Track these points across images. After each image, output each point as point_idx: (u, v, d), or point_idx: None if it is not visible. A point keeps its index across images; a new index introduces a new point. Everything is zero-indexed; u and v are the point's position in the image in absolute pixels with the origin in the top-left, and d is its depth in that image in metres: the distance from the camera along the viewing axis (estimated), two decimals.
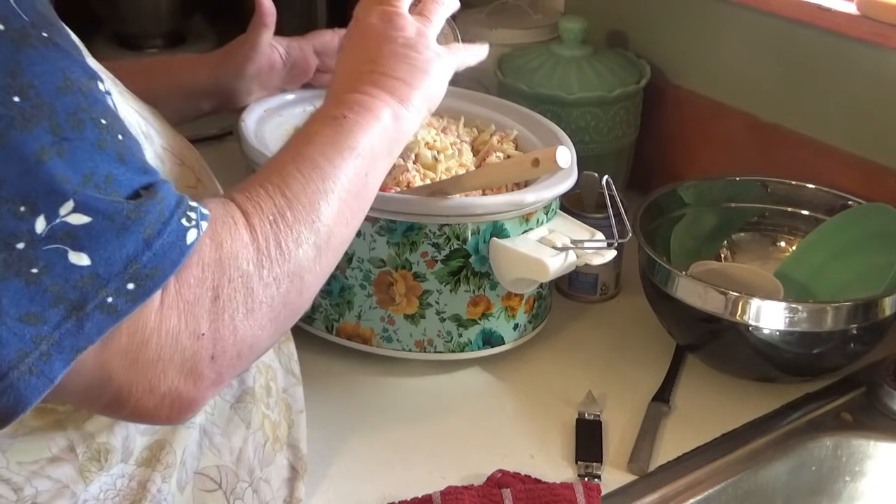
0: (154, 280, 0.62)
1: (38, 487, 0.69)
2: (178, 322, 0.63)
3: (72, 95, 0.62)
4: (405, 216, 1.01)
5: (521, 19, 1.50)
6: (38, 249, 0.58)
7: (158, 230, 0.62)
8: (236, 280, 0.66)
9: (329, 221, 0.72)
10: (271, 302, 0.68)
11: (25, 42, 0.61)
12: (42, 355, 0.59)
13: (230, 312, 0.66)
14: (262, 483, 0.83)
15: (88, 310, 0.59)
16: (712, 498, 0.96)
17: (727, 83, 1.35)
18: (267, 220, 0.69)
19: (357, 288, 1.05)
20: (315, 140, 0.75)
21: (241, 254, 0.67)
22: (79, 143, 0.61)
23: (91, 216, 0.60)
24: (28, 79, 0.60)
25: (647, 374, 1.10)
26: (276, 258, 0.68)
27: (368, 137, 0.77)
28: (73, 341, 0.59)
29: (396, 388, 1.08)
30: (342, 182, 0.74)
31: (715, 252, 1.24)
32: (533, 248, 1.02)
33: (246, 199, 0.70)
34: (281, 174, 0.72)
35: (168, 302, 0.63)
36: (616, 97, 1.32)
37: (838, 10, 1.16)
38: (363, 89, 0.80)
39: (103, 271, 0.60)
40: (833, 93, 1.24)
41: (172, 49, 1.75)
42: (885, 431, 1.03)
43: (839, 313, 1.01)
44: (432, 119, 1.17)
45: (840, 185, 1.20)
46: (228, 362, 0.66)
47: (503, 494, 0.90)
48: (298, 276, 0.70)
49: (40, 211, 0.58)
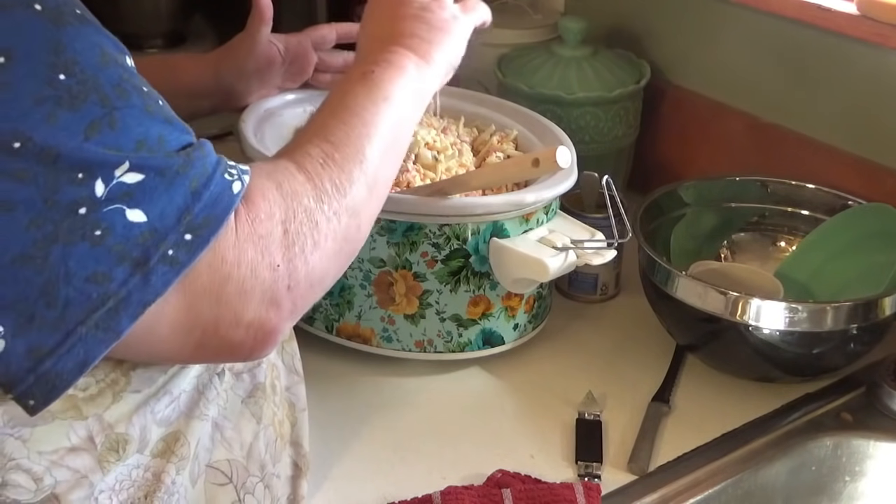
0: (209, 228, 0.64)
1: (57, 477, 0.70)
2: (254, 255, 0.67)
3: (112, 68, 0.64)
4: (405, 216, 1.01)
5: (521, 19, 1.49)
6: (99, 212, 0.61)
7: (205, 182, 0.65)
8: (301, 214, 0.70)
9: (375, 161, 0.76)
10: (335, 235, 0.72)
11: (62, 20, 0.63)
12: (109, 311, 0.61)
13: (300, 244, 0.69)
14: (273, 479, 0.84)
15: (152, 264, 0.62)
16: (712, 498, 0.96)
17: (727, 83, 1.35)
18: (318, 163, 0.73)
19: (357, 288, 1.05)
20: (348, 95, 0.79)
21: (301, 191, 0.70)
22: (128, 110, 0.63)
23: (144, 173, 0.62)
24: (71, 55, 0.62)
25: (647, 374, 1.10)
26: (334, 194, 0.72)
27: (398, 88, 0.82)
28: (140, 296, 0.62)
29: (396, 388, 1.08)
30: (381, 127, 0.78)
31: (715, 252, 1.24)
32: (533, 248, 1.02)
33: (293, 151, 0.74)
34: (323, 126, 0.77)
35: (243, 236, 0.66)
36: (616, 97, 1.32)
37: (838, 10, 1.16)
38: (387, 48, 0.85)
39: (160, 225, 0.62)
40: (833, 93, 1.24)
41: (172, 49, 1.75)
42: (885, 431, 1.03)
43: (839, 313, 1.01)
44: (432, 119, 1.17)
45: (840, 185, 1.20)
46: (303, 292, 0.70)
47: (503, 494, 0.90)
48: (355, 211, 0.74)
49: (97, 175, 0.61)
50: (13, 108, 0.60)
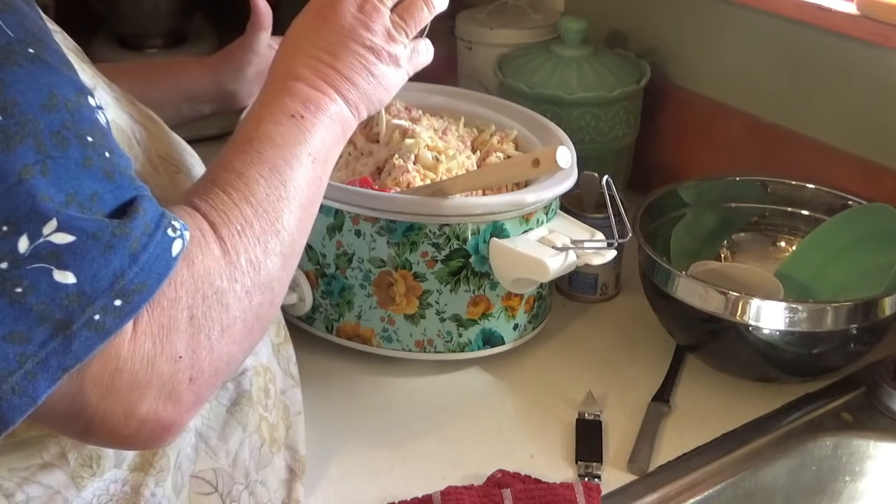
0: (141, 295, 0.61)
1: (29, 493, 0.69)
2: (152, 347, 0.62)
3: (56, 113, 0.61)
4: (405, 216, 1.01)
5: (521, 19, 1.50)
6: (22, 269, 0.58)
7: (144, 244, 0.61)
8: (211, 297, 0.64)
9: (291, 228, 0.71)
10: (245, 316, 0.67)
11: (10, 59, 0.60)
12: (27, 374, 0.58)
13: (206, 332, 0.64)
14: (258, 485, 0.83)
15: (75, 328, 0.58)
16: (712, 498, 0.96)
17: (727, 83, 1.35)
18: (236, 231, 0.67)
19: (357, 288, 1.05)
20: (275, 141, 0.73)
21: (214, 269, 0.65)
22: (63, 161, 0.60)
23: (75, 235, 0.59)
24: (11, 96, 0.59)
25: (647, 374, 1.10)
26: (248, 271, 0.67)
27: (323, 140, 0.76)
28: (60, 360, 0.58)
29: (396, 388, 1.08)
30: (302, 188, 0.73)
31: (715, 252, 1.24)
32: (533, 248, 1.02)
33: (211, 207, 0.68)
34: (245, 180, 0.70)
35: (141, 328, 0.62)
36: (616, 97, 1.32)
37: (838, 10, 1.16)
38: (318, 85, 0.78)
39: (90, 289, 0.59)
40: (833, 93, 1.24)
41: (172, 49, 1.75)
42: (885, 431, 1.03)
43: (839, 313, 1.01)
44: (433, 119, 1.17)
45: (840, 185, 1.20)
46: (206, 382, 0.65)
47: (503, 494, 0.90)
48: (269, 287, 0.69)
49: (22, 230, 0.58)
50: None
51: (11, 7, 0.62)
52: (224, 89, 1.18)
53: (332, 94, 0.79)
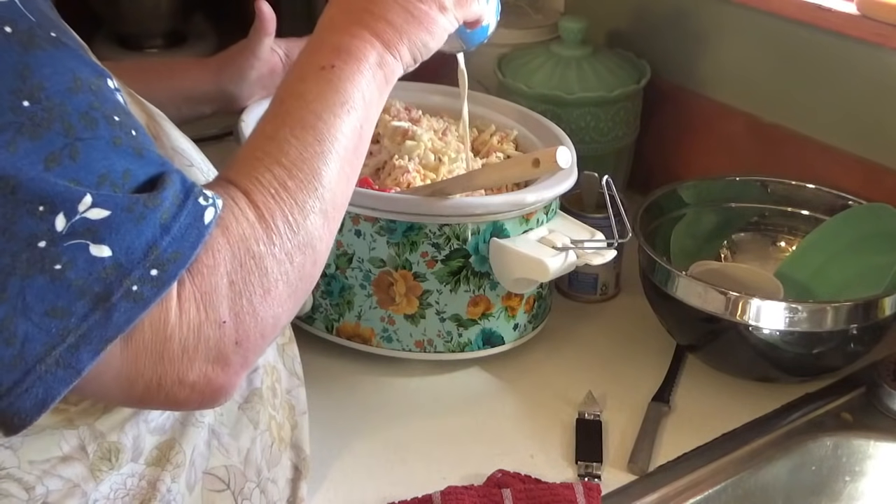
0: (176, 263, 0.62)
1: (49, 486, 0.69)
2: (197, 313, 0.63)
3: (83, 94, 0.62)
4: (405, 216, 1.01)
5: (521, 19, 1.50)
6: (60, 246, 0.59)
7: (174, 214, 0.62)
8: (249, 263, 0.65)
9: (331, 184, 0.71)
10: (287, 278, 0.67)
11: (33, 43, 0.61)
12: (70, 347, 0.59)
13: (248, 296, 0.65)
14: (269, 483, 0.83)
15: (114, 300, 0.60)
16: (712, 498, 0.96)
17: (727, 83, 1.35)
18: (269, 195, 0.68)
19: (357, 288, 1.05)
20: (304, 97, 0.73)
21: (249, 234, 0.66)
22: (93, 141, 0.61)
23: (110, 209, 0.60)
24: (38, 80, 0.60)
25: (647, 374, 1.10)
26: (286, 233, 0.67)
27: (358, 87, 0.74)
28: (101, 332, 0.60)
29: (396, 388, 1.08)
30: (339, 140, 0.72)
31: (715, 252, 1.24)
32: (533, 248, 1.02)
33: (243, 175, 0.69)
34: (275, 141, 0.70)
35: (185, 295, 0.63)
36: (616, 97, 1.32)
37: (838, 10, 1.16)
38: (352, 30, 0.76)
39: (125, 261, 0.60)
40: (833, 93, 1.24)
41: (172, 49, 1.75)
42: (885, 431, 1.03)
43: (839, 313, 1.01)
44: (433, 120, 1.17)
45: (840, 185, 1.20)
46: (253, 344, 0.66)
47: (503, 494, 0.90)
48: (310, 246, 0.69)
49: (59, 209, 0.59)
50: None
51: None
52: (225, 91, 1.18)
53: (367, 35, 0.76)
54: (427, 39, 0.80)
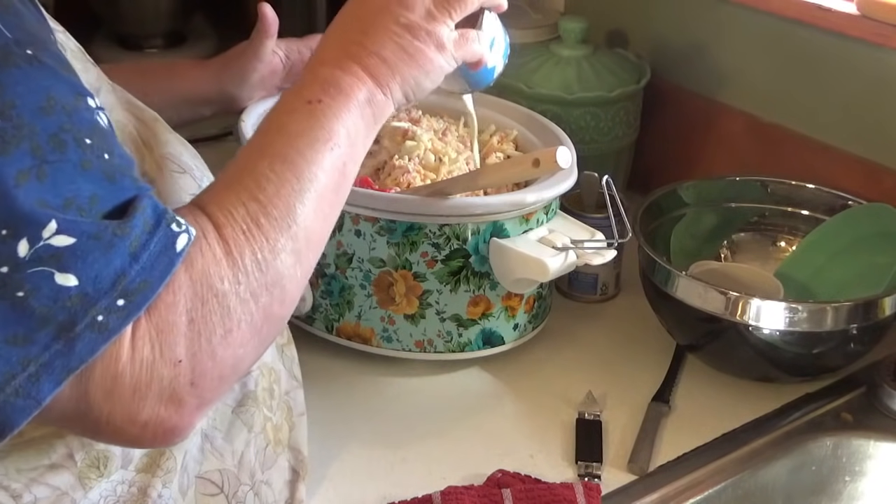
0: (143, 293, 0.60)
1: (36, 495, 0.69)
2: (151, 352, 0.61)
3: (54, 115, 0.60)
4: (405, 216, 1.01)
5: (521, 19, 1.49)
6: (23, 273, 0.57)
7: (144, 242, 0.60)
8: (211, 301, 0.63)
9: (307, 223, 0.68)
10: (251, 318, 0.65)
11: (8, 60, 0.60)
12: (30, 377, 0.57)
13: (207, 335, 0.63)
14: (263, 486, 0.83)
15: (78, 330, 0.58)
16: (712, 498, 0.96)
17: (727, 83, 1.35)
18: (241, 230, 0.65)
19: (357, 288, 1.05)
20: (288, 131, 0.71)
21: (214, 271, 0.63)
22: (60, 164, 0.59)
23: (76, 237, 0.58)
24: (10, 98, 0.59)
25: (647, 374, 1.10)
26: (253, 272, 0.65)
27: (344, 124, 0.72)
28: (64, 362, 0.58)
29: (396, 388, 1.08)
30: (318, 178, 0.70)
31: (715, 252, 1.24)
32: (533, 248, 1.02)
33: (216, 206, 0.66)
34: (253, 175, 0.68)
35: (139, 332, 0.61)
36: (616, 97, 1.32)
37: (838, 10, 1.16)
38: (343, 64, 0.74)
39: (92, 290, 0.58)
40: (833, 93, 1.24)
41: (172, 49, 1.75)
42: (885, 431, 1.03)
43: (839, 313, 1.01)
44: (433, 120, 1.17)
45: (840, 185, 1.20)
46: (210, 385, 0.64)
47: (503, 494, 0.90)
48: (279, 285, 0.66)
49: (22, 234, 0.57)
50: None
51: (8, 8, 0.62)
52: (225, 93, 1.18)
53: (358, 70, 0.74)
54: (421, 78, 0.78)
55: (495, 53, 0.89)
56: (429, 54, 0.77)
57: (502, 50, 0.91)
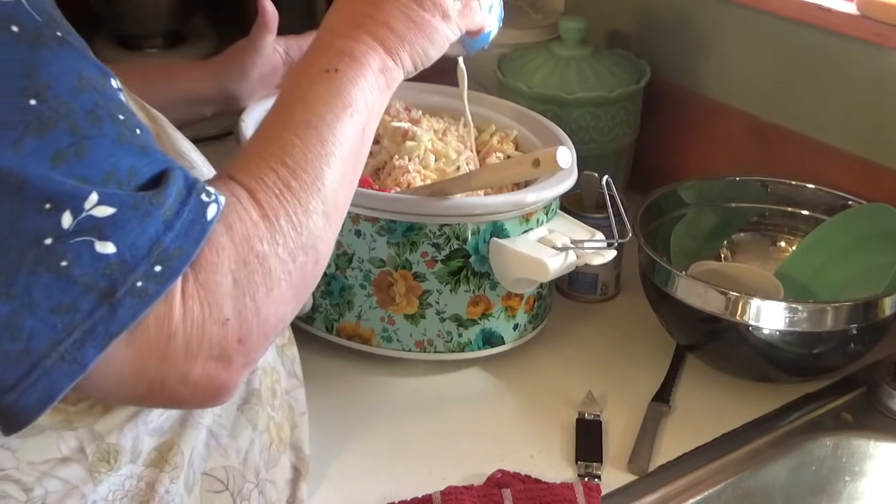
0: (179, 259, 0.62)
1: (47, 488, 0.69)
2: (201, 310, 0.64)
3: (88, 93, 0.62)
4: (405, 216, 1.01)
5: (521, 19, 1.49)
6: (66, 243, 0.59)
7: (177, 210, 0.63)
8: (252, 261, 0.66)
9: (334, 185, 0.71)
10: (290, 278, 0.68)
11: (40, 42, 0.61)
12: (75, 342, 0.60)
13: (251, 294, 0.66)
14: (267, 484, 0.83)
15: (119, 295, 0.60)
16: (712, 498, 0.96)
17: (727, 83, 1.35)
18: (274, 195, 0.68)
19: (357, 288, 1.05)
20: (308, 99, 0.73)
21: (253, 233, 0.66)
22: (99, 139, 0.61)
23: (115, 207, 0.60)
24: (44, 79, 0.60)
25: (647, 374, 1.10)
26: (289, 233, 0.68)
27: (361, 91, 0.75)
28: (106, 327, 0.60)
29: (396, 388, 1.08)
30: (342, 143, 0.73)
31: (715, 252, 1.24)
32: (533, 248, 1.02)
33: (247, 174, 0.69)
34: (279, 142, 0.71)
35: (188, 292, 0.63)
36: (616, 97, 1.32)
37: (838, 10, 1.16)
38: (355, 35, 0.77)
39: (130, 257, 0.61)
40: (833, 93, 1.24)
41: (172, 49, 1.75)
42: (885, 431, 1.03)
43: (839, 313, 1.01)
44: (433, 120, 1.17)
45: (840, 185, 1.20)
46: (256, 343, 0.67)
47: (503, 494, 0.91)
48: (313, 246, 0.69)
49: (65, 207, 0.59)
50: None
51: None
52: (226, 92, 1.18)
53: (370, 40, 0.77)
54: (428, 47, 0.81)
55: (492, 17, 0.91)
56: (435, 24, 0.80)
57: (497, 13, 0.93)
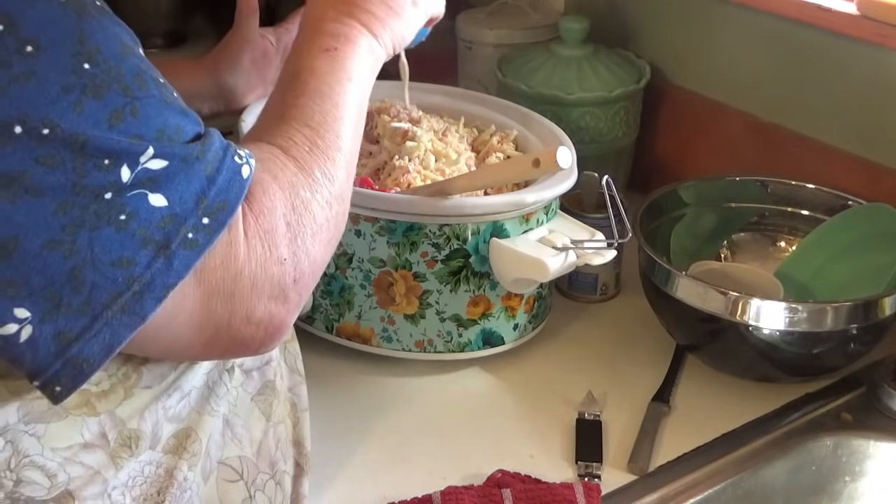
0: (224, 212, 0.65)
1: (70, 474, 0.70)
2: (263, 250, 0.68)
3: (131, 58, 0.65)
4: (405, 216, 1.01)
5: (521, 19, 1.50)
6: (124, 196, 0.62)
7: (217, 167, 0.66)
8: (299, 206, 0.71)
9: (349, 145, 0.77)
10: (328, 223, 0.73)
11: (85, 11, 0.64)
12: (135, 294, 0.62)
13: (301, 237, 0.70)
14: (285, 476, 0.84)
15: (174, 247, 0.63)
16: (712, 498, 0.96)
17: (727, 83, 1.35)
18: (305, 150, 0.74)
19: (357, 288, 1.05)
20: (317, 71, 0.79)
21: (296, 181, 0.71)
22: (148, 100, 0.64)
23: (168, 160, 0.64)
24: (94, 45, 0.63)
25: (647, 374, 1.10)
26: (324, 182, 0.73)
27: (358, 66, 0.82)
28: (164, 279, 0.63)
29: (396, 388, 1.08)
30: (350, 108, 0.79)
31: (715, 252, 1.24)
32: (533, 248, 1.02)
33: (276, 136, 0.74)
34: (298, 108, 0.76)
35: (251, 233, 0.67)
36: (616, 97, 1.32)
37: (838, 10, 1.16)
38: (343, 20, 0.83)
39: (180, 209, 0.64)
40: (833, 93, 1.24)
41: (172, 49, 1.75)
42: (885, 431, 1.03)
43: (839, 313, 1.01)
44: (433, 120, 1.17)
45: (840, 185, 1.20)
46: (306, 282, 0.71)
47: (503, 494, 0.91)
48: (342, 197, 0.75)
49: (123, 161, 0.62)
50: (41, 95, 0.60)
51: None
52: (222, 85, 1.18)
53: (357, 25, 0.84)
54: (404, 30, 0.88)
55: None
56: (408, 10, 0.88)
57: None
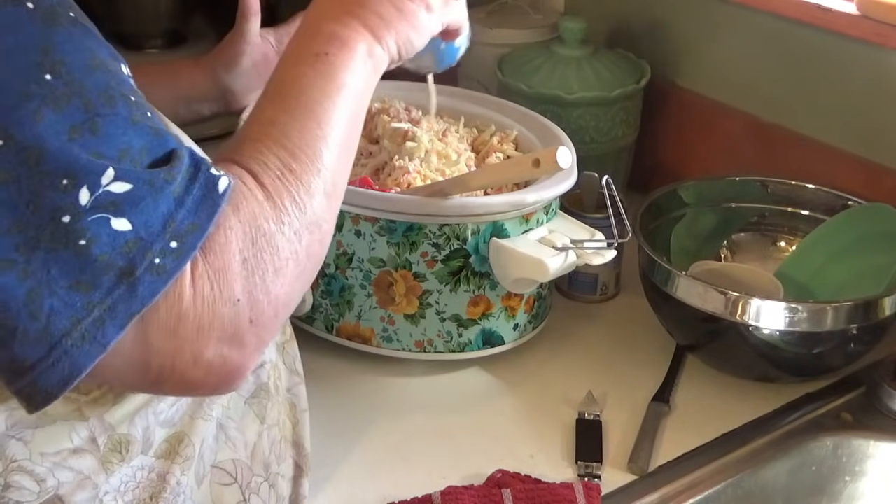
0: (194, 235, 0.62)
1: (60, 479, 0.70)
2: (211, 291, 0.64)
3: (101, 74, 0.63)
4: (405, 216, 1.01)
5: (521, 19, 1.50)
6: (84, 220, 0.59)
7: (185, 187, 0.63)
8: (260, 241, 0.66)
9: (332, 165, 0.72)
10: (296, 257, 0.68)
11: (55, 21, 0.62)
12: (95, 321, 0.59)
13: (260, 274, 0.66)
14: (279, 479, 0.84)
15: (138, 273, 0.60)
16: (712, 498, 0.96)
17: (727, 83, 1.35)
18: (276, 176, 0.69)
19: (357, 288, 1.05)
20: (301, 82, 0.75)
21: (259, 213, 0.67)
22: (112, 118, 0.62)
23: (132, 183, 0.61)
24: (59, 56, 0.61)
25: (647, 374, 1.10)
26: (294, 212, 0.68)
27: (352, 74, 0.77)
28: (126, 305, 0.60)
29: (396, 388, 1.08)
30: (337, 124, 0.74)
31: (715, 252, 1.24)
32: (533, 248, 1.02)
33: (248, 158, 0.70)
34: (277, 125, 0.72)
35: (198, 272, 0.63)
36: (616, 97, 1.32)
37: (838, 10, 1.16)
38: (343, 20, 0.79)
39: (145, 234, 0.61)
40: (833, 93, 1.24)
41: (172, 49, 1.75)
42: (885, 431, 1.03)
43: (839, 313, 1.01)
44: (433, 121, 1.17)
45: (840, 185, 1.20)
46: (267, 323, 0.67)
47: (503, 494, 0.90)
48: (316, 225, 0.70)
49: (82, 183, 0.59)
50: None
51: None
52: (222, 86, 1.18)
53: (358, 26, 0.79)
54: (413, 36, 0.83)
55: (463, 35, 0.95)
56: (419, 14, 0.83)
57: (466, 33, 0.96)
